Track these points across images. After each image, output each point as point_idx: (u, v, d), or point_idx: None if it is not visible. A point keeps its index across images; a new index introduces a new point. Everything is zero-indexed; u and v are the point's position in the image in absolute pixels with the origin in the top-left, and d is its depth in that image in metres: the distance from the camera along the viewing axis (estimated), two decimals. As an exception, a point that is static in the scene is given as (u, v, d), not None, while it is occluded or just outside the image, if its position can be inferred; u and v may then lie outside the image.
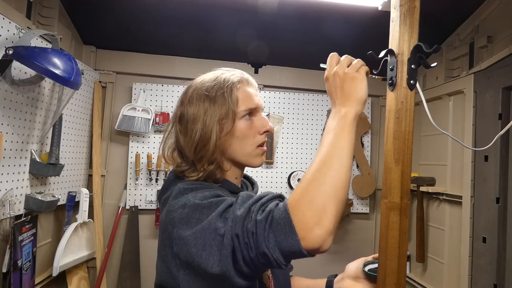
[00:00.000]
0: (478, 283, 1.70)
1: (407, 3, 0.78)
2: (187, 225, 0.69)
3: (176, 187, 0.79)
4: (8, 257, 1.42)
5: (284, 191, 2.33)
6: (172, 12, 1.88)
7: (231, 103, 0.81)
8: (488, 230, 1.66)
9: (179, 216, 0.71)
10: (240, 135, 0.83)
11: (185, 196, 0.74)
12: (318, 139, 2.37)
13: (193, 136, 0.81)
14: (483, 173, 1.71)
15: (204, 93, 0.82)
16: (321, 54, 1.88)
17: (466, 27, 1.87)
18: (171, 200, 0.77)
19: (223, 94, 0.81)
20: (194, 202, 0.71)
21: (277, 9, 1.76)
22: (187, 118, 0.83)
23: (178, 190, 0.77)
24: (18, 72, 1.44)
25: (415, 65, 0.77)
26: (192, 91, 0.85)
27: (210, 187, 0.79)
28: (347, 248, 2.42)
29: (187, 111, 0.83)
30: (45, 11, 1.69)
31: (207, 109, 0.81)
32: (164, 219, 0.77)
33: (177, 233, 0.71)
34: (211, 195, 0.73)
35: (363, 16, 1.67)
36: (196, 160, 0.82)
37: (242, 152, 0.84)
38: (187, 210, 0.71)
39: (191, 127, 0.82)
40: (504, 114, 1.62)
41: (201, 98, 0.82)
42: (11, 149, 1.44)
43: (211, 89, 0.82)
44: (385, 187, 0.79)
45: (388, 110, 0.80)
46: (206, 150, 0.80)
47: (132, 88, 2.21)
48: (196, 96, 0.83)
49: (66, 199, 1.89)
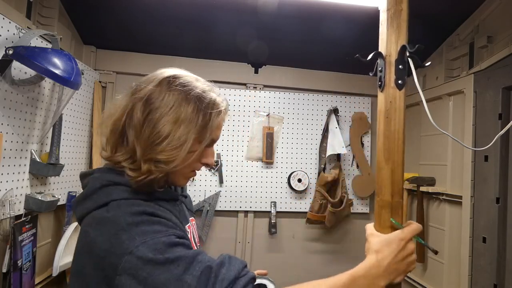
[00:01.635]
0: (478, 283, 1.70)
1: (394, 7, 0.80)
2: (136, 278, 0.62)
3: (115, 215, 0.69)
4: (8, 257, 1.42)
5: (284, 191, 2.33)
6: (172, 12, 1.88)
7: (208, 128, 0.77)
8: (488, 230, 1.66)
9: (125, 265, 0.63)
10: (190, 158, 0.77)
11: (130, 235, 0.65)
12: (318, 139, 2.37)
13: (157, 130, 0.73)
14: (483, 173, 1.71)
15: (193, 97, 0.76)
16: (321, 54, 1.90)
17: (466, 27, 1.87)
18: (106, 228, 0.67)
19: (210, 114, 0.77)
20: (147, 255, 0.63)
21: (277, 9, 1.76)
22: (158, 106, 0.74)
23: (118, 223, 0.67)
24: (18, 72, 1.44)
25: (403, 65, 0.78)
26: (178, 83, 0.77)
27: (158, 221, 0.70)
28: (347, 248, 2.42)
29: (163, 99, 0.74)
30: (45, 11, 1.69)
31: (189, 118, 0.74)
32: (94, 249, 0.67)
33: (122, 283, 0.63)
34: (165, 244, 0.65)
35: (363, 16, 1.67)
36: (144, 157, 0.73)
37: (180, 171, 0.79)
38: (135, 260, 0.63)
39: (157, 118, 0.73)
40: (504, 114, 1.62)
41: (188, 99, 0.75)
42: (11, 149, 1.44)
43: (201, 101, 0.76)
44: (377, 186, 0.81)
45: (379, 110, 0.82)
46: (164, 154, 0.73)
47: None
48: (182, 93, 0.76)
49: (66, 199, 1.89)
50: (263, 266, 0.76)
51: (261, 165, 2.31)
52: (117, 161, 0.76)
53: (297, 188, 2.31)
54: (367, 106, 2.44)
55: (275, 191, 2.33)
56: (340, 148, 2.28)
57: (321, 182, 2.27)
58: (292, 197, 2.34)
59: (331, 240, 2.41)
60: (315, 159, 2.37)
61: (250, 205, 2.30)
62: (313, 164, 2.36)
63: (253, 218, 2.32)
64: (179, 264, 0.63)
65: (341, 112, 2.40)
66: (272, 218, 2.29)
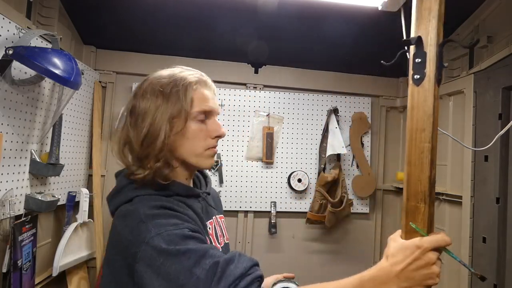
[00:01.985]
0: (478, 283, 1.70)
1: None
2: (150, 267, 0.68)
3: (136, 208, 0.76)
4: (8, 257, 1.42)
5: (284, 191, 2.33)
6: (172, 12, 1.88)
7: (184, 103, 0.80)
8: (488, 230, 1.66)
9: (142, 254, 0.69)
10: (190, 136, 0.82)
11: (146, 227, 0.71)
12: (318, 139, 2.37)
13: (142, 131, 0.80)
14: (483, 173, 1.71)
15: (158, 88, 0.81)
16: (321, 54, 1.90)
17: (466, 27, 1.87)
18: (129, 221, 0.74)
19: (177, 92, 0.80)
20: (160, 245, 0.68)
21: (277, 9, 1.76)
22: (138, 112, 0.82)
23: (138, 215, 0.74)
24: (18, 72, 1.44)
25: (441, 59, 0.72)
26: (147, 85, 0.84)
27: (174, 215, 0.76)
28: (347, 248, 2.42)
29: (139, 104, 0.82)
30: (45, 11, 1.69)
31: (159, 105, 0.80)
32: (120, 240, 0.74)
33: (140, 270, 0.69)
34: (178, 236, 0.70)
35: (363, 16, 1.67)
36: (143, 156, 0.80)
37: (191, 153, 0.84)
38: (150, 250, 0.68)
39: (140, 121, 0.81)
40: (504, 114, 1.62)
41: (155, 94, 0.81)
42: (11, 149, 1.44)
43: (166, 86, 0.81)
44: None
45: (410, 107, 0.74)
46: (153, 147, 0.79)
47: (132, 88, 2.21)
48: (150, 91, 0.82)
49: (66, 199, 1.89)
50: (263, 266, 0.75)
51: (261, 165, 2.31)
52: (128, 165, 0.84)
53: (297, 188, 2.31)
54: (367, 106, 2.44)
55: (275, 191, 2.32)
56: (340, 148, 2.28)
57: (321, 182, 2.27)
58: (292, 197, 2.34)
59: (331, 240, 2.41)
60: (315, 159, 2.36)
61: (250, 205, 2.30)
62: (313, 164, 2.36)
63: (253, 218, 2.32)
64: (190, 256, 0.67)
65: (341, 112, 2.40)
66: (272, 218, 2.29)
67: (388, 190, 2.48)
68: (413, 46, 0.76)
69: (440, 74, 0.72)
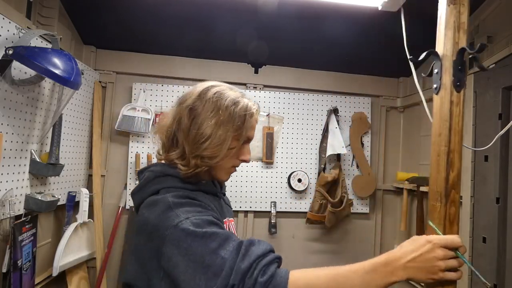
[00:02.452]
0: (478, 283, 1.70)
1: (454, 4, 0.78)
2: (178, 248, 0.74)
3: (164, 197, 0.83)
4: (8, 257, 1.42)
5: (284, 191, 2.33)
6: (172, 12, 1.88)
7: (244, 127, 0.92)
8: (488, 230, 1.66)
9: (170, 236, 0.75)
10: (230, 153, 0.93)
11: (175, 213, 0.78)
12: (318, 139, 2.37)
13: (203, 131, 0.88)
14: (483, 173, 1.71)
15: (227, 104, 0.90)
16: (321, 54, 1.90)
17: (469, 26, 1.87)
18: (157, 208, 0.81)
19: (244, 116, 0.92)
20: (188, 228, 0.74)
21: (277, 9, 1.76)
22: (200, 112, 0.89)
23: (166, 203, 0.81)
24: (18, 72, 1.44)
25: (462, 66, 0.77)
26: (215, 92, 0.92)
27: (199, 204, 0.84)
28: (347, 248, 2.42)
29: (204, 106, 0.90)
30: (45, 11, 1.69)
31: (227, 120, 0.89)
32: (147, 226, 0.80)
33: (167, 252, 0.75)
34: (204, 221, 0.77)
35: (363, 16, 1.67)
36: (191, 154, 0.88)
37: (223, 166, 0.95)
38: (179, 232, 0.74)
39: (204, 122, 0.88)
40: (504, 114, 1.62)
41: (222, 107, 0.90)
42: (11, 149, 1.44)
43: (236, 105, 0.91)
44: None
45: (435, 113, 0.80)
46: (212, 151, 0.88)
47: (132, 88, 2.21)
48: (217, 101, 0.90)
49: (66, 199, 1.89)
50: (263, 266, 0.77)
51: (261, 165, 2.31)
52: (171, 159, 0.92)
53: (297, 188, 2.31)
54: (367, 106, 2.44)
55: (275, 191, 2.32)
56: (340, 148, 2.28)
57: (321, 182, 2.27)
58: (292, 197, 2.34)
59: (331, 240, 2.41)
60: (315, 159, 2.37)
61: (250, 205, 2.30)
62: (313, 164, 2.36)
63: (253, 218, 2.32)
64: (215, 239, 0.73)
65: (341, 112, 2.40)
66: (272, 218, 2.29)
67: (388, 190, 2.48)
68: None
69: (460, 81, 0.77)
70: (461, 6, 0.78)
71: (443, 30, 0.79)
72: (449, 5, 0.79)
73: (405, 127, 2.51)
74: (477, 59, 0.76)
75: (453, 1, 0.78)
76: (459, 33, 0.78)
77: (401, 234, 2.39)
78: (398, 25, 1.29)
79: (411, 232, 2.29)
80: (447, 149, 0.76)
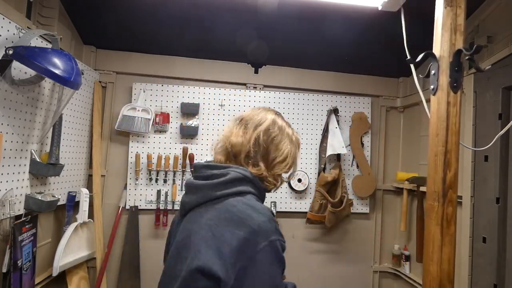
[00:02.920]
0: (478, 283, 1.70)
1: (451, 6, 0.79)
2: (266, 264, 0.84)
3: (265, 206, 0.93)
4: (8, 257, 1.42)
5: (284, 191, 2.33)
6: (172, 12, 1.88)
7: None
8: (488, 230, 1.66)
9: (265, 248, 0.84)
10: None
11: (275, 227, 0.90)
12: (318, 139, 2.37)
13: (283, 151, 1.03)
14: (483, 173, 1.71)
15: (292, 136, 1.07)
16: (321, 54, 1.89)
17: (466, 27, 1.87)
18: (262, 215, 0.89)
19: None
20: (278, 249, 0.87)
21: (277, 9, 1.76)
22: (275, 135, 1.03)
23: (268, 214, 0.90)
24: (18, 72, 1.44)
25: (458, 67, 0.78)
26: (281, 123, 1.06)
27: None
28: (347, 248, 2.42)
29: (278, 129, 1.04)
30: (45, 11, 1.69)
31: (293, 147, 1.06)
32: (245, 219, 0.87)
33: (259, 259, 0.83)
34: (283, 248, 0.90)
35: (363, 16, 1.67)
36: (270, 172, 1.02)
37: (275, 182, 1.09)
38: (275, 250, 0.86)
39: (281, 144, 1.03)
40: (504, 114, 1.62)
41: (289, 137, 1.06)
42: (11, 149, 1.44)
43: (294, 136, 1.08)
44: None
45: (432, 113, 0.80)
46: (286, 168, 1.05)
47: (132, 88, 2.21)
48: (284, 130, 1.05)
49: (66, 199, 1.89)
50: (263, 266, 0.77)
51: (261, 165, 2.31)
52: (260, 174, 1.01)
53: (297, 188, 2.31)
54: (367, 106, 2.44)
55: (275, 191, 2.32)
56: (340, 148, 2.28)
57: (321, 182, 2.27)
58: (292, 197, 2.34)
59: (331, 240, 2.41)
60: (315, 159, 2.37)
61: (250, 205, 2.30)
62: (313, 164, 2.36)
63: (253, 218, 2.32)
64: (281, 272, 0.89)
65: (341, 112, 2.40)
66: (272, 218, 2.28)
67: (388, 190, 2.48)
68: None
69: (457, 82, 0.77)
70: (457, 8, 0.79)
71: (440, 31, 0.80)
72: (446, 7, 0.79)
73: (405, 127, 2.51)
74: (473, 60, 0.77)
75: (450, 3, 0.79)
76: (455, 34, 0.79)
77: (401, 234, 2.39)
78: (398, 25, 1.29)
79: (411, 232, 2.29)
80: (444, 149, 0.77)
